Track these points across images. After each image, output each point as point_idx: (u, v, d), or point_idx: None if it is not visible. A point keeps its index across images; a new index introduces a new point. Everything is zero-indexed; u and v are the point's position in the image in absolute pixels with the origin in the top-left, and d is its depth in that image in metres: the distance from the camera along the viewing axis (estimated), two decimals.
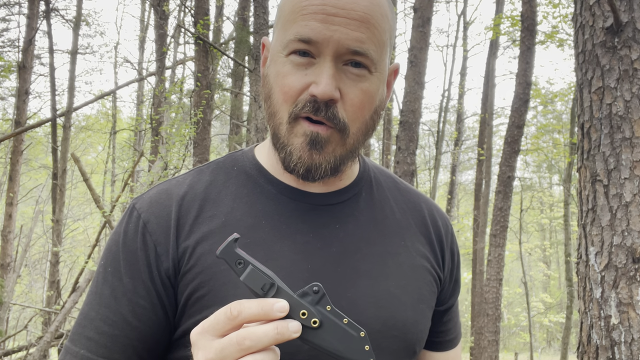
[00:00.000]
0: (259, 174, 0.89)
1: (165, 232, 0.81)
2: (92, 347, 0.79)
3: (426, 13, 5.73)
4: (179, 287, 0.80)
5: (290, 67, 0.79)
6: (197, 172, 0.90)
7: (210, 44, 7.83)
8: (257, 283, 0.62)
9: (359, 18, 0.77)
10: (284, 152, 0.81)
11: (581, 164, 2.68)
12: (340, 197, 0.89)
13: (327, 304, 0.63)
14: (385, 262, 0.86)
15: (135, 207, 0.84)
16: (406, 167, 5.43)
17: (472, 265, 11.19)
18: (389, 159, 12.60)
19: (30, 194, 16.79)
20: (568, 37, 10.64)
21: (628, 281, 2.38)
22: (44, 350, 5.24)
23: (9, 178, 10.19)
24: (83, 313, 0.82)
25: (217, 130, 17.51)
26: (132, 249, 0.81)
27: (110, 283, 0.81)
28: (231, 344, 0.58)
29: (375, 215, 0.90)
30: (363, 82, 0.79)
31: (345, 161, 0.83)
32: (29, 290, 16.35)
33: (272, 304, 0.59)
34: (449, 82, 16.15)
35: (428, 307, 0.89)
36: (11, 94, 14.90)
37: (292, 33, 0.78)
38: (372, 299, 0.82)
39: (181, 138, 7.88)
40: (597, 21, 2.63)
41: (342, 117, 0.79)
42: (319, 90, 0.76)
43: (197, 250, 0.80)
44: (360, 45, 0.77)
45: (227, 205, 0.84)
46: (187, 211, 0.83)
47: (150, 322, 0.80)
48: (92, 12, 26.02)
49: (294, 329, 0.59)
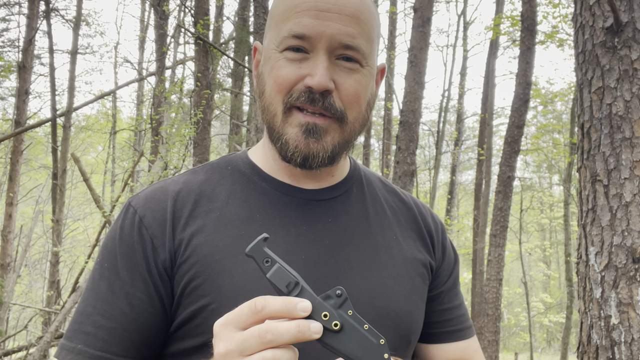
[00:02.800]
0: (252, 172, 0.91)
1: (161, 225, 0.83)
2: (90, 341, 0.79)
3: (426, 13, 5.73)
4: (175, 278, 0.81)
5: (284, 61, 0.82)
6: (192, 172, 0.93)
7: (210, 44, 7.83)
8: (283, 281, 0.63)
9: (350, 14, 0.81)
10: (279, 143, 0.83)
11: (581, 164, 2.68)
12: (332, 192, 0.91)
13: (349, 308, 0.63)
14: (377, 255, 0.88)
15: (131, 204, 0.86)
16: (406, 167, 5.43)
17: (472, 265, 11.19)
18: (389, 159, 12.60)
19: (30, 194, 16.78)
20: (568, 37, 10.64)
21: (628, 281, 2.38)
22: (44, 350, 5.24)
23: (9, 178, 10.18)
24: (79, 311, 0.82)
25: (217, 130, 17.51)
26: (129, 243, 0.82)
27: (107, 278, 0.82)
28: (253, 336, 0.59)
29: (367, 210, 0.93)
30: (355, 74, 0.83)
31: (342, 150, 0.86)
32: (29, 290, 16.35)
33: (296, 303, 0.60)
34: (449, 82, 16.15)
35: (420, 298, 0.91)
36: (11, 94, 14.90)
37: (286, 30, 0.81)
38: (366, 289, 0.84)
39: (181, 138, 7.88)
40: (597, 21, 2.63)
41: (339, 106, 0.82)
42: (315, 81, 0.79)
43: (192, 242, 0.81)
44: (351, 40, 0.81)
45: (222, 201, 0.86)
46: (182, 205, 0.85)
47: (148, 314, 0.80)
48: (92, 12, 26.05)
49: (315, 330, 0.60)
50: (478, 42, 30.85)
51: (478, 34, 40.36)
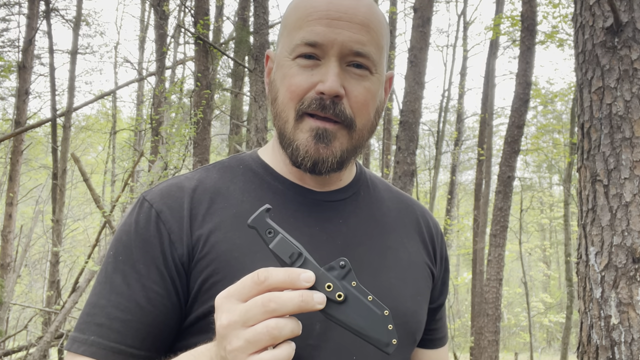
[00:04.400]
0: (265, 172, 0.92)
1: (178, 221, 0.83)
2: (104, 333, 0.79)
3: (426, 13, 5.72)
4: (192, 274, 0.82)
5: (296, 69, 0.84)
6: (204, 169, 0.94)
7: (210, 44, 7.83)
8: (286, 252, 0.63)
9: (360, 22, 0.83)
10: (290, 148, 0.85)
11: (581, 164, 2.68)
12: (341, 195, 0.93)
13: (352, 279, 0.63)
14: (385, 256, 0.90)
15: (146, 199, 0.86)
16: (406, 167, 5.43)
17: (472, 265, 11.19)
18: (389, 159, 12.60)
19: (30, 194, 16.77)
20: (568, 37, 10.63)
21: (628, 281, 2.38)
22: (44, 350, 5.24)
23: (9, 178, 10.18)
24: (91, 303, 0.82)
25: (217, 130, 17.51)
26: (146, 237, 0.82)
27: (122, 271, 0.82)
28: (256, 306, 0.59)
29: (374, 212, 0.95)
30: (365, 81, 0.84)
31: (350, 156, 0.88)
32: (29, 290, 16.34)
33: (298, 273, 0.60)
34: (449, 82, 16.13)
35: (424, 300, 0.94)
36: (11, 94, 14.89)
37: (298, 38, 0.83)
38: (376, 289, 0.85)
39: (181, 138, 7.88)
40: (597, 21, 2.63)
41: (349, 113, 0.83)
42: (326, 86, 0.81)
43: (210, 238, 0.82)
44: (362, 47, 0.83)
45: (237, 199, 0.88)
46: (199, 202, 0.86)
47: (164, 307, 0.81)
48: (92, 12, 26.03)
49: (319, 300, 0.60)
50: (478, 42, 30.87)
51: (478, 34, 40.40)
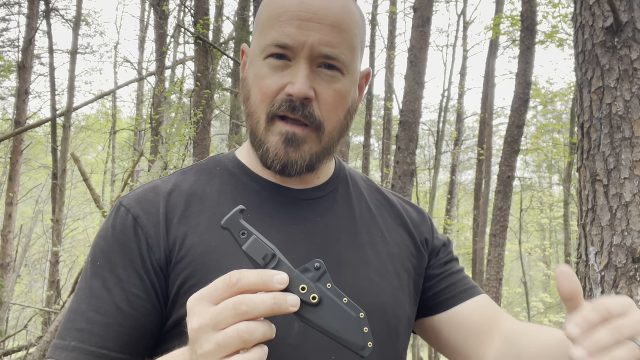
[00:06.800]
0: (241, 172, 0.93)
1: (155, 225, 0.84)
2: (85, 338, 0.78)
3: (426, 13, 5.72)
4: (170, 277, 0.82)
5: (267, 69, 0.84)
6: (181, 172, 0.94)
7: (210, 44, 7.83)
8: (259, 253, 0.61)
9: (331, 24, 0.83)
10: (261, 150, 0.86)
11: (581, 164, 2.68)
12: (319, 192, 0.94)
13: (327, 281, 0.62)
14: (364, 252, 0.90)
15: (122, 204, 0.87)
16: (406, 167, 5.43)
17: (472, 265, 11.19)
18: (389, 159, 12.60)
19: (30, 194, 16.77)
20: (568, 37, 10.64)
21: (628, 281, 2.38)
22: (44, 350, 5.24)
23: (9, 178, 10.19)
24: (72, 310, 0.82)
25: (217, 130, 17.49)
26: (124, 242, 0.83)
27: (101, 276, 0.82)
28: (227, 309, 0.58)
29: (353, 209, 0.95)
30: (336, 83, 0.85)
31: (321, 159, 0.88)
32: (29, 290, 16.34)
33: (272, 275, 0.59)
34: (449, 82, 16.11)
35: (406, 292, 0.93)
36: (11, 94, 14.89)
37: (269, 39, 0.83)
38: (355, 286, 0.85)
39: (181, 138, 7.88)
40: (597, 21, 2.63)
41: (318, 116, 0.84)
42: (295, 89, 0.81)
43: (186, 242, 0.82)
44: (332, 50, 0.83)
45: (213, 201, 0.88)
46: (174, 206, 0.86)
47: (145, 310, 0.81)
48: (92, 12, 25.98)
49: (292, 303, 0.59)
50: (478, 42, 30.83)
51: (478, 34, 40.39)
